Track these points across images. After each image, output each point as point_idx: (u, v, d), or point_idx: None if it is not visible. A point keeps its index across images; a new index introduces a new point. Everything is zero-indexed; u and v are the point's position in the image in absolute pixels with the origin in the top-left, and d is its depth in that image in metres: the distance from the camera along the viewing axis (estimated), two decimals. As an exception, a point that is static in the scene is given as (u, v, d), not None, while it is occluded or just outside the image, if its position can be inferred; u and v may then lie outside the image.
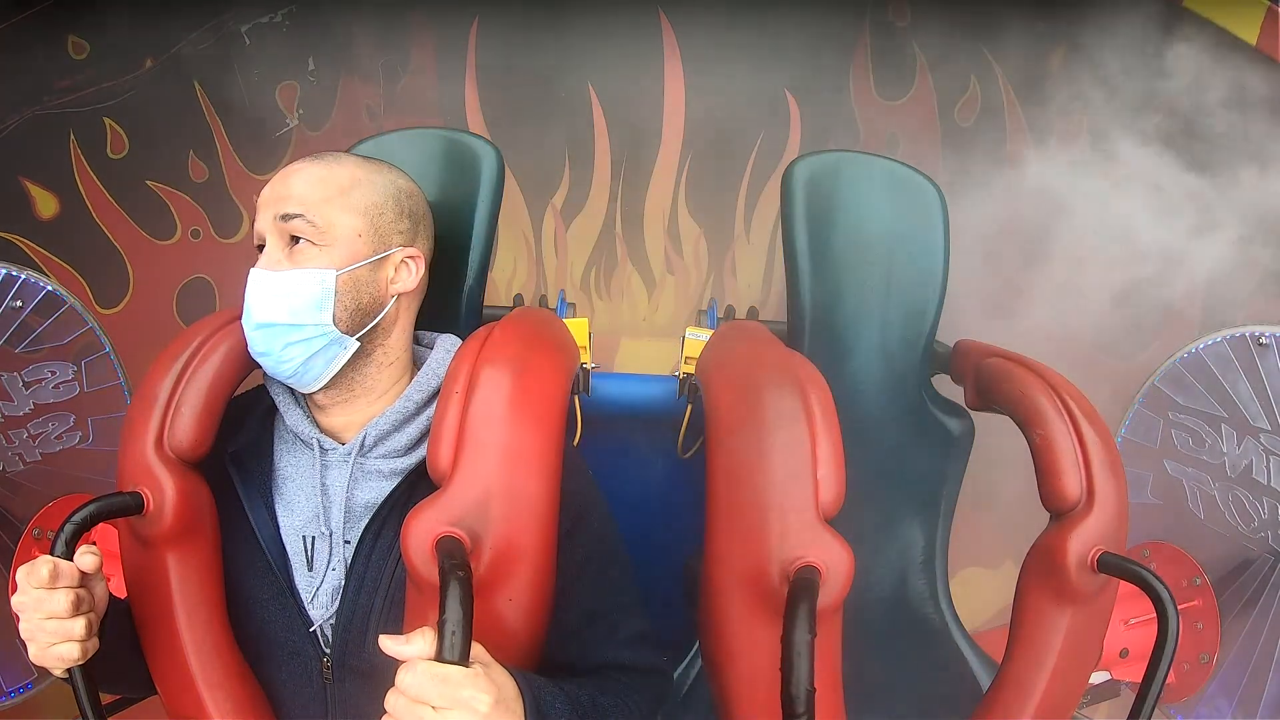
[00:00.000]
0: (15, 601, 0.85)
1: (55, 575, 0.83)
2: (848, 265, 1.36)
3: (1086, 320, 2.17)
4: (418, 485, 0.96)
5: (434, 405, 0.98)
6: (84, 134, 2.06)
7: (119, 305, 2.14)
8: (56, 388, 1.62)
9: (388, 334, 1.02)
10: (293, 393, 1.03)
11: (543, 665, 0.95)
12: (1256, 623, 1.52)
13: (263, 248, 0.99)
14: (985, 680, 1.31)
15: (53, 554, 0.84)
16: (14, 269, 1.55)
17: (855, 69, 2.16)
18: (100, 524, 0.91)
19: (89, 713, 0.87)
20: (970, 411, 1.33)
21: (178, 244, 2.16)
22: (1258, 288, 2.06)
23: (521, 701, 0.81)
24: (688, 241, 2.27)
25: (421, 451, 0.98)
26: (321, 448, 1.00)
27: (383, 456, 1.00)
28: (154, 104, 2.07)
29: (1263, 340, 1.51)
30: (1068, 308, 2.18)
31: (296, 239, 0.97)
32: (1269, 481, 1.51)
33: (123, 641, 0.97)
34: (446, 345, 1.06)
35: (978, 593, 2.17)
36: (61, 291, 1.59)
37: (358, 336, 0.99)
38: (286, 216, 0.97)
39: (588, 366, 1.48)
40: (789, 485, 0.93)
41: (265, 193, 1.00)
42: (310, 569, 0.99)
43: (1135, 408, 1.68)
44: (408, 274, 1.03)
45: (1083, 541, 1.00)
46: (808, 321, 1.36)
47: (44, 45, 1.98)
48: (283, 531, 0.99)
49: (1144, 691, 0.93)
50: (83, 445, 1.65)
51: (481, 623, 0.78)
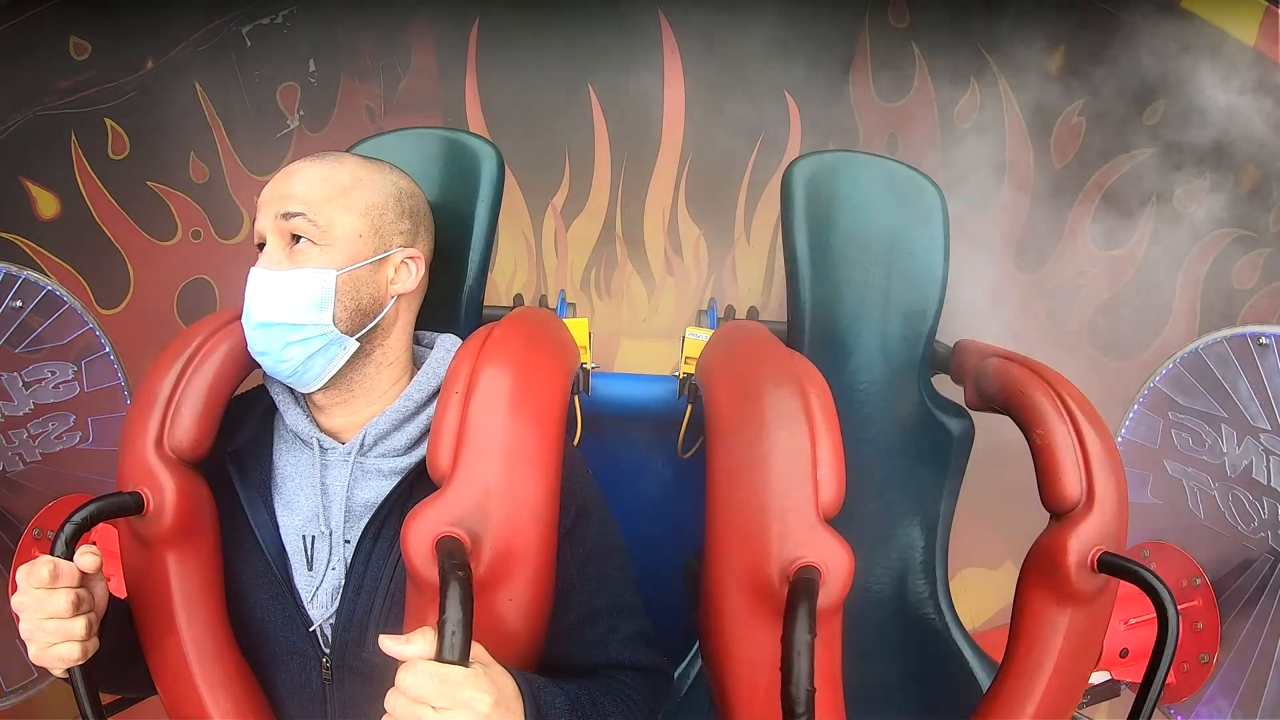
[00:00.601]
0: (15, 601, 0.85)
1: (55, 575, 0.83)
2: (847, 265, 1.36)
3: (1086, 320, 2.18)
4: (418, 485, 0.96)
5: (434, 405, 0.98)
6: (85, 134, 2.06)
7: (119, 305, 2.14)
8: (56, 388, 1.61)
9: (387, 334, 1.02)
10: (292, 392, 1.03)
11: (543, 665, 0.95)
12: (1256, 623, 1.52)
13: (263, 247, 0.99)
14: (985, 680, 1.31)
15: (53, 554, 0.84)
16: (14, 269, 1.55)
17: (855, 70, 2.16)
18: (100, 524, 0.90)
19: (89, 713, 0.87)
20: (970, 411, 1.33)
21: (178, 244, 2.16)
22: (1258, 288, 2.07)
23: (521, 701, 0.81)
24: (688, 242, 2.27)
25: (421, 451, 0.98)
26: (321, 447, 1.00)
27: (382, 456, 1.00)
28: (155, 105, 2.08)
29: (1263, 340, 1.51)
30: (1068, 308, 2.18)
31: (297, 238, 0.97)
32: (1269, 481, 1.50)
33: (123, 641, 0.97)
34: (446, 345, 1.06)
35: (978, 593, 2.17)
36: (61, 291, 1.59)
37: (357, 336, 0.99)
38: (288, 215, 0.97)
39: (588, 366, 1.48)
40: (789, 485, 0.93)
41: (266, 192, 1.00)
42: (310, 569, 0.99)
43: (1135, 408, 1.67)
44: (408, 274, 1.03)
45: (1083, 541, 0.99)
46: (808, 321, 1.35)
47: (45, 46, 1.98)
48: (282, 531, 0.99)
49: (1144, 691, 0.93)
50: (83, 445, 1.65)
51: (481, 623, 0.78)
